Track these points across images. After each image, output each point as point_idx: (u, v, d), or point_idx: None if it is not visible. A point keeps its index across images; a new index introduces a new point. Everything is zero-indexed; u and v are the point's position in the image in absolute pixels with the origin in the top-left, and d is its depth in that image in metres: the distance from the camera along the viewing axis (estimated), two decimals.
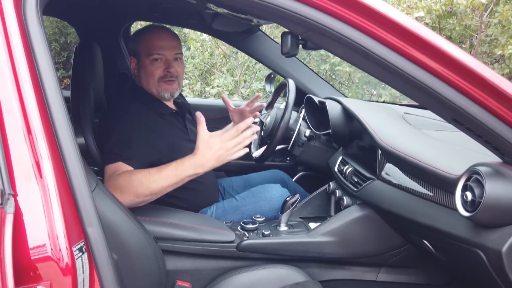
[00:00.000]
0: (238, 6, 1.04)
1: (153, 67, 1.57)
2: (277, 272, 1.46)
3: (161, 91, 1.60)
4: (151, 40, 1.58)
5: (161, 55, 1.57)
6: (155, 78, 1.58)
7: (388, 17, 0.87)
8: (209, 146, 1.31)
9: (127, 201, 1.29)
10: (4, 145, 0.73)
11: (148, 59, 1.57)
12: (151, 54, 1.56)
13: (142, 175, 1.33)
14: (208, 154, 1.31)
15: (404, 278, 1.68)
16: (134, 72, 1.65)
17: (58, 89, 0.80)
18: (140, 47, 1.59)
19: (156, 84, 1.59)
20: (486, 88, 0.87)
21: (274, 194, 1.75)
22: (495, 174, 0.94)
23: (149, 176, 1.32)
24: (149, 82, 1.60)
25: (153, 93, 1.61)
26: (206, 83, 5.42)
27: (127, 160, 1.40)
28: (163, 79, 1.58)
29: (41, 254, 0.71)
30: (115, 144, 1.45)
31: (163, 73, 1.58)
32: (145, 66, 1.59)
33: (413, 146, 1.39)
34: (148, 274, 1.17)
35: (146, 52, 1.57)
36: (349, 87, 4.92)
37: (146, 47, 1.58)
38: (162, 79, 1.58)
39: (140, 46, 1.59)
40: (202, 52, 5.45)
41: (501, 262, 0.95)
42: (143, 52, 1.58)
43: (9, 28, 0.78)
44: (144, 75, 1.60)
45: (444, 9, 4.03)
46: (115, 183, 1.32)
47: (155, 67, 1.57)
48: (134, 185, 1.30)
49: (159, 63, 1.57)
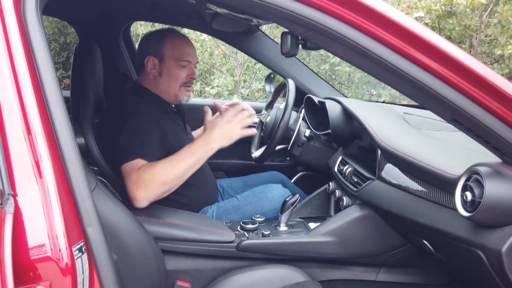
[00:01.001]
0: (237, 6, 1.04)
1: (179, 72, 1.62)
2: (277, 272, 1.46)
3: (180, 95, 1.65)
4: (181, 46, 1.63)
5: (189, 62, 1.63)
6: (178, 82, 1.63)
7: (387, 17, 0.87)
8: (214, 124, 1.49)
9: (154, 192, 1.37)
10: (4, 145, 0.73)
11: (175, 63, 1.61)
12: (181, 60, 1.61)
13: (163, 163, 1.41)
14: (214, 131, 1.47)
15: (404, 278, 1.68)
16: (151, 71, 1.64)
17: (57, 89, 0.80)
18: (167, 50, 1.61)
19: (177, 88, 1.64)
20: (486, 88, 0.87)
21: (276, 194, 1.76)
22: (495, 174, 0.94)
23: (170, 162, 1.42)
24: (171, 85, 1.63)
25: (166, 94, 1.65)
26: (206, 83, 5.42)
27: (144, 156, 1.44)
28: (185, 84, 1.64)
29: (40, 254, 0.71)
30: (130, 141, 1.48)
31: (186, 79, 1.63)
32: (170, 69, 1.61)
33: (413, 146, 1.39)
34: (148, 274, 1.17)
35: (174, 56, 1.61)
36: (348, 87, 4.92)
37: (176, 51, 1.61)
38: (184, 85, 1.64)
39: (167, 48, 1.61)
40: (201, 52, 5.45)
41: (501, 262, 0.95)
42: (171, 55, 1.61)
43: (9, 28, 0.78)
44: (167, 77, 1.63)
45: (443, 9, 4.02)
46: (139, 177, 1.37)
47: (181, 72, 1.62)
48: (159, 173, 1.39)
49: (185, 69, 1.63)
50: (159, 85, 1.65)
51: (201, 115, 1.59)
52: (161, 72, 1.63)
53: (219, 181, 1.97)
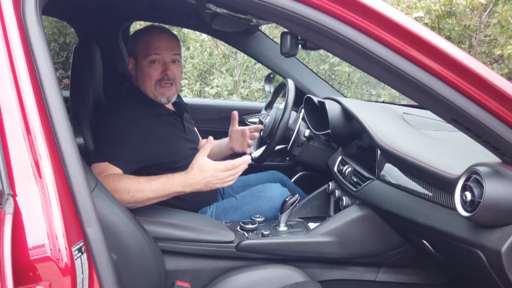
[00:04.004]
0: (237, 6, 1.04)
1: (151, 69, 1.54)
2: (277, 272, 1.46)
3: (158, 95, 1.57)
4: (149, 41, 1.55)
5: (158, 56, 1.54)
6: (152, 81, 1.55)
7: (387, 17, 0.87)
8: (201, 170, 1.35)
9: None
10: (3, 145, 0.73)
11: (145, 61, 1.54)
12: (149, 55, 1.53)
13: (130, 183, 1.32)
14: (198, 177, 1.35)
15: (404, 278, 1.68)
16: (132, 73, 1.62)
17: (57, 89, 0.80)
18: (138, 48, 1.57)
19: (153, 87, 1.56)
20: (485, 88, 0.87)
21: (274, 193, 1.75)
22: (494, 174, 0.94)
23: (138, 185, 1.32)
24: (146, 84, 1.56)
25: (150, 95, 1.58)
26: (206, 83, 5.42)
27: (113, 161, 1.38)
28: (160, 82, 1.55)
29: (40, 254, 0.71)
30: (105, 143, 1.44)
31: (160, 75, 1.55)
32: (142, 68, 1.55)
33: (412, 146, 1.39)
34: (148, 274, 1.17)
35: (143, 53, 1.55)
36: (348, 87, 4.92)
37: (144, 48, 1.55)
38: (159, 83, 1.55)
39: (138, 46, 1.57)
40: (201, 52, 5.45)
41: (500, 262, 0.95)
42: (141, 53, 1.56)
43: (8, 28, 0.78)
44: (141, 76, 1.57)
45: (443, 9, 4.03)
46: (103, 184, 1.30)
47: (152, 69, 1.54)
48: (119, 191, 1.29)
49: (157, 65, 1.54)
50: (141, 86, 1.59)
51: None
52: (137, 72, 1.58)
53: None
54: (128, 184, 1.31)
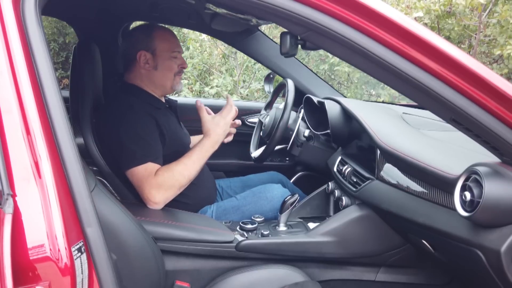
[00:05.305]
0: (237, 6, 1.04)
1: (172, 63, 1.67)
2: (276, 272, 1.46)
3: (175, 84, 1.70)
4: (170, 38, 1.69)
5: (179, 52, 1.70)
6: (172, 73, 1.68)
7: (387, 17, 0.87)
8: (217, 124, 1.58)
9: (172, 195, 1.49)
10: (3, 145, 0.73)
11: (168, 55, 1.66)
12: (173, 51, 1.66)
13: (180, 168, 1.50)
14: (218, 131, 1.58)
15: (403, 278, 1.68)
16: (143, 66, 1.65)
17: (57, 89, 0.80)
18: (157, 43, 1.64)
19: (173, 78, 1.69)
20: (485, 88, 0.87)
21: (275, 194, 1.76)
22: (494, 174, 0.94)
23: (186, 167, 1.51)
24: (167, 76, 1.67)
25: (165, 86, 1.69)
26: (205, 83, 5.42)
27: (155, 160, 1.50)
28: (178, 74, 1.70)
29: (40, 254, 0.71)
30: (135, 144, 1.50)
31: (178, 68, 1.69)
32: (163, 61, 1.65)
33: (412, 146, 1.39)
34: (147, 274, 1.17)
35: (166, 48, 1.65)
36: (348, 87, 4.92)
37: (167, 43, 1.66)
38: (177, 74, 1.70)
39: (157, 41, 1.65)
40: (201, 52, 5.46)
41: (500, 262, 0.95)
42: (162, 48, 1.64)
43: (8, 28, 0.78)
44: (161, 69, 1.66)
45: (443, 9, 4.03)
46: (160, 182, 1.46)
47: (174, 63, 1.67)
48: (178, 179, 1.48)
49: (177, 60, 1.68)
50: (153, 79, 1.67)
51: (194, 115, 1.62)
52: (156, 66, 1.66)
53: (218, 181, 1.97)
54: (180, 170, 1.50)
